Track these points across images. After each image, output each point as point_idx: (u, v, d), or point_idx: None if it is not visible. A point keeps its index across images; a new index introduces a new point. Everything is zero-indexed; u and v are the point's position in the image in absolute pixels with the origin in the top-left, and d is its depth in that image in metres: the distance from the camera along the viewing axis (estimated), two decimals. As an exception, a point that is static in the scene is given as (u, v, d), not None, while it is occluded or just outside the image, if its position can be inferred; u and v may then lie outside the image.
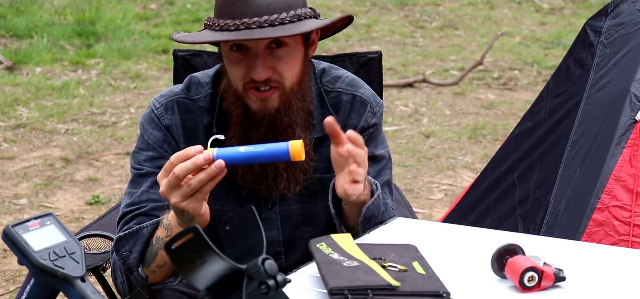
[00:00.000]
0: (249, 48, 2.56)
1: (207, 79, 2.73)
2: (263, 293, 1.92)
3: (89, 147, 6.30)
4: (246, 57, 2.57)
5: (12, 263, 4.78)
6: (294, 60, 2.60)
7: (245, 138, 2.60)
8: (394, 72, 7.94)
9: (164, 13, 9.42)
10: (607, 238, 3.17)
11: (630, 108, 3.30)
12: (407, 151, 6.28)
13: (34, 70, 7.75)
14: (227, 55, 2.60)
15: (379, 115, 2.78)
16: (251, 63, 2.56)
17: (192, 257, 1.92)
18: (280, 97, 2.59)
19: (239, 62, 2.58)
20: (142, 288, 2.60)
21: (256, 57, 2.55)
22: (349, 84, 2.77)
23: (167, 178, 2.38)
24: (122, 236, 2.61)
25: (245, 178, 2.66)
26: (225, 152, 2.38)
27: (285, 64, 2.58)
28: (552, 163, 3.49)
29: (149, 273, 2.59)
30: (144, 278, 2.59)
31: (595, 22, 3.64)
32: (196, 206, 2.41)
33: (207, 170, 2.37)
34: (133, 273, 2.60)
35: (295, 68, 2.61)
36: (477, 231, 2.67)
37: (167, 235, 2.53)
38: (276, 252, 2.75)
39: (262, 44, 2.55)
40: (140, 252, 2.59)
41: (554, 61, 8.04)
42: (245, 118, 2.61)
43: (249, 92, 2.59)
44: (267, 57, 2.56)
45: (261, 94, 2.58)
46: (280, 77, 2.58)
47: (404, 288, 2.15)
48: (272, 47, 2.57)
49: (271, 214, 2.74)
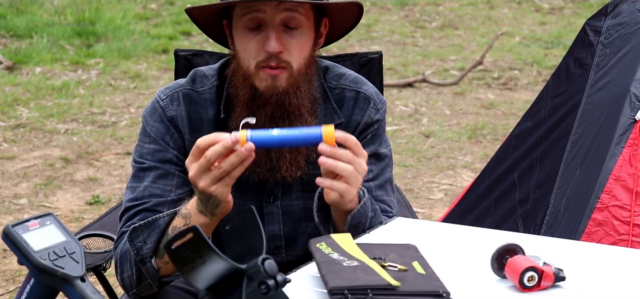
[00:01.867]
0: (265, 22, 2.60)
1: (213, 72, 2.76)
2: (263, 292, 1.92)
3: (89, 147, 6.30)
4: (260, 34, 2.61)
5: (12, 263, 4.78)
6: (304, 44, 2.64)
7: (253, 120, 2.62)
8: (394, 72, 7.94)
9: (164, 13, 9.43)
10: (606, 238, 3.17)
11: (630, 108, 3.30)
12: (407, 151, 6.28)
13: (34, 70, 7.75)
14: (241, 34, 2.64)
15: (382, 112, 2.79)
16: (265, 37, 2.60)
17: (192, 257, 1.92)
18: (289, 78, 2.62)
19: (253, 38, 2.61)
20: (152, 280, 2.59)
21: (271, 30, 2.59)
22: (352, 81, 2.80)
23: (197, 162, 2.40)
24: (137, 226, 2.61)
25: None
26: (258, 135, 2.41)
27: (296, 45, 2.63)
28: (552, 163, 3.49)
29: (162, 264, 2.58)
30: (156, 269, 2.59)
31: (595, 22, 3.65)
32: (224, 191, 2.43)
33: (238, 152, 2.38)
34: (145, 264, 2.59)
35: (304, 52, 2.65)
36: (477, 231, 2.67)
37: (185, 224, 2.53)
38: (277, 247, 2.76)
39: (278, 17, 2.60)
40: (155, 242, 2.58)
41: (554, 61, 8.04)
42: (253, 99, 2.64)
43: (260, 71, 2.61)
44: (281, 33, 2.60)
45: (272, 71, 2.61)
46: (290, 56, 2.62)
47: (404, 287, 2.15)
48: (286, 26, 2.61)
49: (273, 208, 2.74)
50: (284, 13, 2.61)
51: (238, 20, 2.64)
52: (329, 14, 2.72)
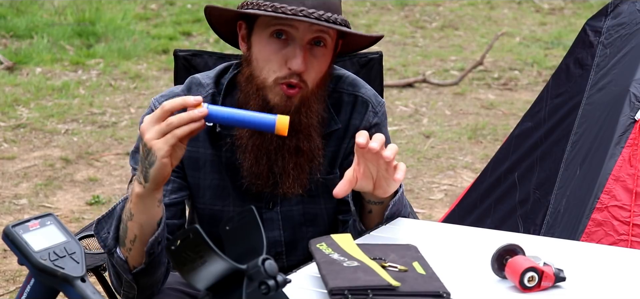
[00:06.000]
0: (293, 38, 2.57)
1: (209, 80, 2.72)
2: (263, 293, 1.92)
3: (89, 147, 6.30)
4: (286, 47, 2.57)
5: (12, 263, 4.78)
6: (324, 63, 2.62)
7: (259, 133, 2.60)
8: (394, 72, 7.94)
9: (164, 13, 9.43)
10: (606, 238, 3.17)
11: (630, 108, 3.30)
12: (407, 151, 6.28)
13: (34, 70, 7.75)
14: (265, 42, 2.59)
15: (381, 114, 2.79)
16: (292, 54, 2.56)
17: (192, 257, 1.92)
18: (301, 97, 2.59)
19: (278, 51, 2.57)
20: (124, 272, 2.52)
21: (298, 48, 2.56)
22: (350, 84, 2.78)
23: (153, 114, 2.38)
24: (100, 218, 2.57)
25: (250, 172, 2.64)
26: (216, 107, 2.39)
27: (317, 65, 2.60)
28: (553, 163, 3.49)
29: (126, 252, 2.51)
30: (123, 259, 2.51)
31: (595, 22, 3.64)
32: (163, 148, 2.35)
33: (189, 111, 2.34)
34: (113, 257, 2.53)
35: (321, 72, 2.62)
36: (477, 231, 2.67)
37: (129, 204, 2.47)
38: (277, 252, 2.75)
39: (308, 36, 2.57)
40: (115, 230, 2.52)
41: (554, 61, 8.05)
42: (263, 111, 2.57)
43: (278, 87, 2.58)
44: (307, 51, 2.57)
45: (289, 91, 2.57)
46: (308, 75, 2.59)
47: (404, 288, 2.15)
48: (312, 43, 2.59)
49: (272, 214, 2.74)
50: (315, 34, 2.58)
51: (264, 28, 2.59)
52: (348, 36, 2.71)
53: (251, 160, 2.62)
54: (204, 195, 2.72)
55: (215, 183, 2.71)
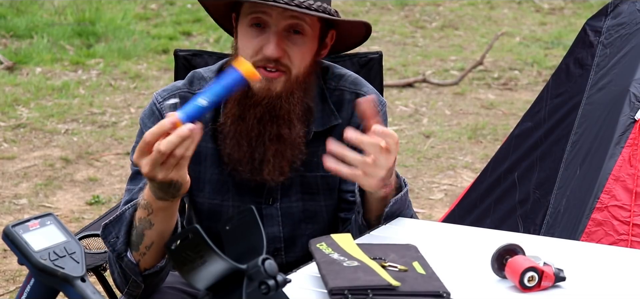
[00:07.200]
0: (268, 25, 2.60)
1: (210, 74, 2.75)
2: (263, 293, 1.92)
3: (89, 147, 6.30)
4: (262, 34, 2.61)
5: (12, 263, 4.78)
6: (306, 51, 2.64)
7: (241, 117, 2.62)
8: (394, 72, 7.94)
9: (164, 13, 9.42)
10: (606, 238, 3.17)
11: (630, 108, 3.30)
12: (407, 151, 6.28)
13: (34, 70, 7.75)
14: (245, 31, 2.63)
15: (382, 113, 2.79)
16: (266, 40, 2.59)
17: (192, 257, 1.92)
18: (285, 83, 2.61)
19: (255, 38, 2.61)
20: (134, 274, 2.55)
21: (273, 34, 2.59)
22: (352, 83, 2.80)
23: (149, 157, 2.32)
24: (107, 223, 2.58)
25: (230, 158, 2.66)
26: (190, 110, 2.33)
27: (297, 51, 2.62)
28: (553, 163, 3.49)
29: (139, 256, 2.53)
30: (134, 263, 2.54)
31: (595, 22, 3.65)
32: (183, 174, 2.36)
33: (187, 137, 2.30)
34: (123, 260, 2.55)
35: (305, 60, 2.64)
36: (477, 231, 2.67)
37: (148, 214, 2.48)
38: (276, 249, 2.75)
39: (282, 23, 2.60)
40: (125, 235, 2.54)
41: (554, 61, 8.04)
42: (245, 97, 2.62)
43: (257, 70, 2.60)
44: (283, 39, 2.60)
45: (268, 74, 2.60)
46: (290, 62, 2.61)
47: (404, 288, 2.15)
48: (290, 31, 2.61)
49: (272, 210, 2.74)
50: (289, 20, 2.60)
51: (244, 17, 2.65)
52: (337, 27, 2.72)
53: (232, 145, 2.64)
54: (204, 189, 2.73)
55: (215, 178, 2.72)
